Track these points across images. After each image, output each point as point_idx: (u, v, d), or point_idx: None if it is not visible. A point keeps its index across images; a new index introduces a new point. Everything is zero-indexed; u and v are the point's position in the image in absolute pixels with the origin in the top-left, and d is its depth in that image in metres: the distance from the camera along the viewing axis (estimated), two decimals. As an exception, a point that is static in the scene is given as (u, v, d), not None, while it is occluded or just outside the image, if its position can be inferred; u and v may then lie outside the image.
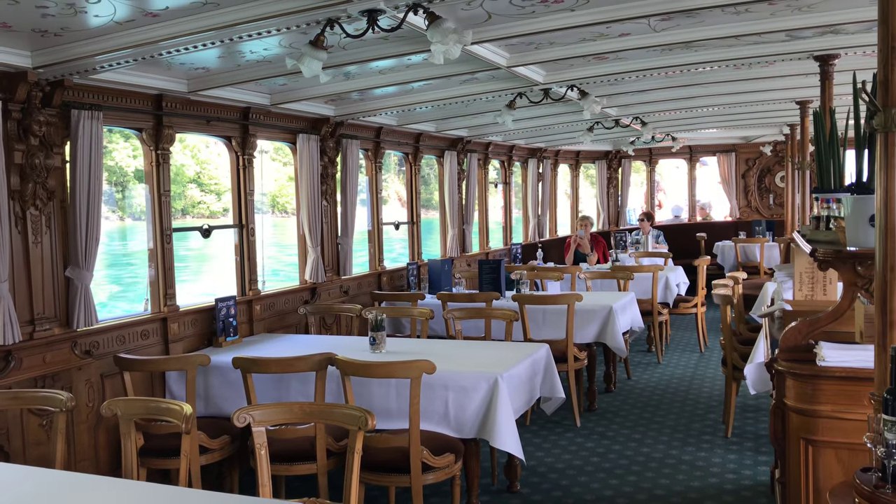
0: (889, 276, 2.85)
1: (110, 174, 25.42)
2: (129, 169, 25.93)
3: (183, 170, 25.38)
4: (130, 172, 25.67)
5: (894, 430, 2.53)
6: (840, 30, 5.07)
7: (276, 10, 3.71)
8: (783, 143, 13.24)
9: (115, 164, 25.59)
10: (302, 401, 4.77)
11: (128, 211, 27.76)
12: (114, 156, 24.70)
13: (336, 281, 7.48)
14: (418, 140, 9.11)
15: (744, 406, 6.63)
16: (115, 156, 24.47)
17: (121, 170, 26.77)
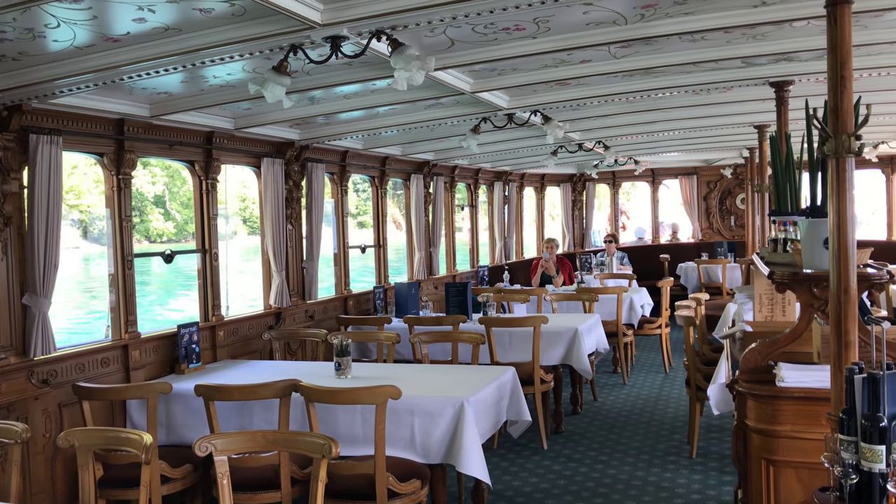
0: (843, 298, 2.92)
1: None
2: (149, 195, 26.42)
3: (190, 192, 25.70)
4: (150, 198, 26.18)
5: (851, 449, 2.58)
6: (793, 57, 5.22)
7: (239, 35, 3.71)
8: (743, 166, 13.50)
9: (135, 191, 26.59)
10: (266, 428, 4.72)
11: (143, 234, 29.06)
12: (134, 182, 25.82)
13: (301, 305, 7.42)
14: (384, 163, 9.13)
15: (708, 426, 6.70)
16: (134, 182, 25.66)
17: (141, 195, 27.75)
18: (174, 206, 30.56)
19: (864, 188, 15.38)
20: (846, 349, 2.92)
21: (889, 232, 13.29)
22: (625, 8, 3.90)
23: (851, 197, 2.92)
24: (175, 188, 29.90)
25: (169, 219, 30.38)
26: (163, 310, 20.88)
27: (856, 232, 2.99)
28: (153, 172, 28.71)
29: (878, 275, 3.37)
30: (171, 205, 30.26)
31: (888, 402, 2.53)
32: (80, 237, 29.40)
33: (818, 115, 3.15)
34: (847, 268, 2.91)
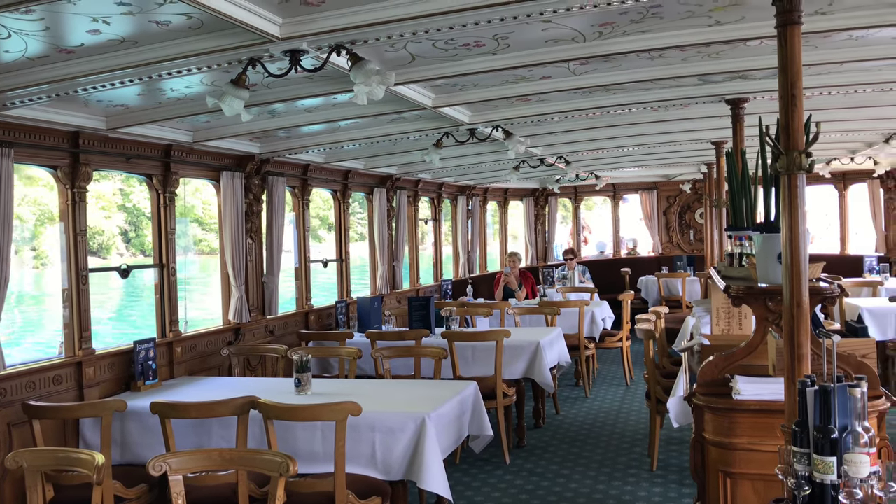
0: (796, 312, 2.97)
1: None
2: (146, 210, 26.35)
3: (186, 209, 25.67)
4: (147, 214, 26.18)
5: (803, 461, 2.62)
6: (748, 75, 5.34)
7: (197, 49, 3.68)
8: (701, 181, 13.74)
9: (132, 206, 26.62)
10: (224, 446, 4.63)
11: (139, 248, 29.18)
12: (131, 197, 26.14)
13: (261, 321, 7.33)
14: (347, 177, 9.10)
15: (668, 439, 6.76)
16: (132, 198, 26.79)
17: (138, 210, 27.87)
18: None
19: (817, 203, 15.77)
20: (799, 362, 2.97)
21: (842, 246, 13.61)
22: (583, 26, 3.95)
23: (803, 212, 2.98)
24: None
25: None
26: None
27: (808, 246, 3.05)
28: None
29: (829, 289, 3.44)
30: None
31: (839, 414, 2.57)
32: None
33: (771, 132, 3.22)
34: (799, 282, 2.96)
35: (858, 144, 9.59)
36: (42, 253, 27.11)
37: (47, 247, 26.21)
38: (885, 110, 6.99)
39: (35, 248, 27.01)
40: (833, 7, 3.81)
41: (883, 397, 3.43)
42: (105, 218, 27.60)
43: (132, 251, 29.50)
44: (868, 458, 2.49)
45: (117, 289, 26.39)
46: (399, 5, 3.32)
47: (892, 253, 12.79)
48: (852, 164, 10.95)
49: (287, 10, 3.45)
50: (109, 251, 28.46)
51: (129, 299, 26.70)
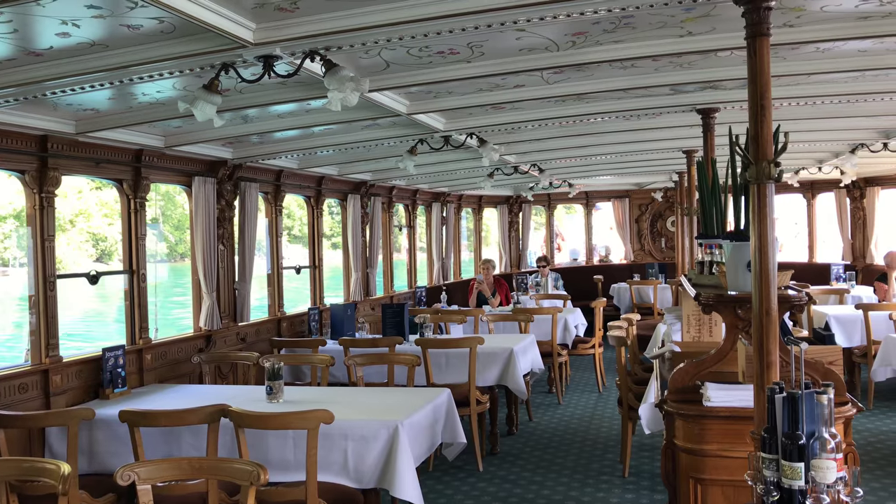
0: (765, 319, 3.01)
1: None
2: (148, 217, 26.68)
3: (184, 214, 25.58)
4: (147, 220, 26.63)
5: (772, 467, 2.65)
6: (719, 85, 5.42)
7: (169, 53, 3.64)
8: (673, 190, 13.89)
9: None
10: (195, 455, 4.57)
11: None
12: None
13: (233, 328, 7.26)
14: (321, 183, 9.06)
15: (640, 445, 6.80)
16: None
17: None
18: (167, 227, 30.99)
19: (787, 212, 16.03)
20: (768, 369, 3.01)
21: (810, 254, 13.83)
22: (556, 35, 3.97)
23: (772, 221, 3.02)
24: (168, 211, 30.23)
25: (163, 239, 30.30)
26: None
27: (777, 255, 3.09)
28: (149, 196, 28.97)
29: (798, 296, 3.49)
30: (165, 227, 30.55)
31: (806, 421, 2.61)
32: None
33: (741, 141, 3.26)
34: (768, 290, 3.00)
35: (826, 154, 9.77)
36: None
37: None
38: (852, 121, 7.13)
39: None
40: (801, 20, 3.88)
41: (849, 403, 3.49)
42: (108, 225, 28.19)
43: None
44: (834, 464, 2.53)
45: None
46: (373, 12, 3.32)
47: (858, 261, 13.03)
48: (820, 173, 11.15)
49: (261, 16, 3.43)
50: (111, 257, 29.23)
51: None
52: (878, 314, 7.66)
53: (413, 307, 9.98)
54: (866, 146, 8.43)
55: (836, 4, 3.63)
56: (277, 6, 3.30)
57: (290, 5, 3.29)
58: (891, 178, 12.23)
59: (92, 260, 29.41)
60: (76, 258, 28.43)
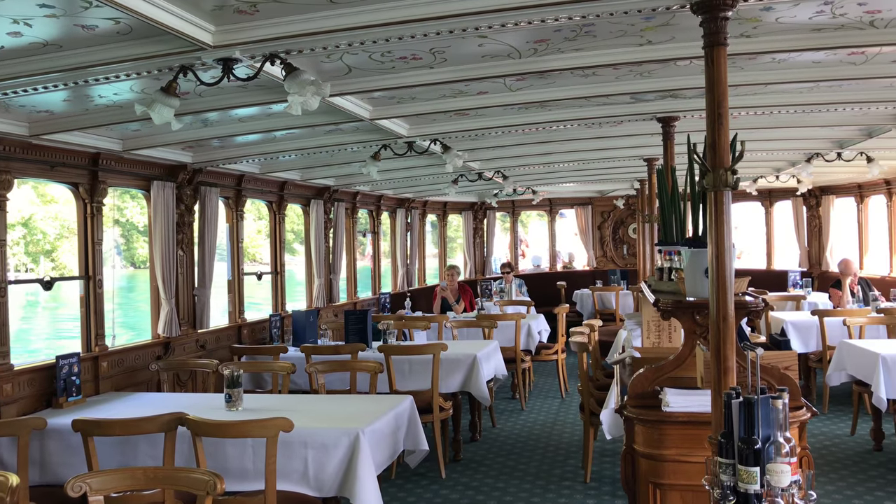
0: (722, 325, 3.05)
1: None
2: (140, 224, 28.15)
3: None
4: (140, 227, 28.15)
5: (729, 471, 2.68)
6: (678, 94, 5.49)
7: (126, 55, 3.58)
8: (634, 197, 14.07)
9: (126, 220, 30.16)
10: (151, 465, 4.48)
11: (129, 260, 33.10)
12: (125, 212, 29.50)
13: (192, 335, 7.15)
14: (283, 188, 8.98)
15: (602, 451, 6.84)
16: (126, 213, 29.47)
17: (132, 224, 30.69)
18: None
19: (747, 220, 16.32)
20: (725, 374, 3.05)
21: (768, 261, 14.10)
22: (518, 42, 3.99)
23: (729, 228, 3.07)
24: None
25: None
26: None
27: (735, 261, 3.14)
28: (141, 204, 29.83)
29: (754, 303, 3.55)
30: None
31: (762, 425, 2.65)
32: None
33: (698, 150, 3.31)
34: (725, 296, 3.04)
35: (783, 163, 9.97)
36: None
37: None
38: (807, 131, 7.28)
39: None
40: (757, 30, 3.95)
41: (804, 408, 3.55)
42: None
43: (123, 263, 33.04)
44: (789, 468, 2.57)
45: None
46: (334, 16, 3.30)
47: (814, 268, 13.31)
48: (777, 182, 11.37)
49: (220, 18, 3.38)
50: (105, 263, 29.67)
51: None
52: (833, 320, 7.82)
53: (377, 313, 9.93)
54: (821, 156, 8.62)
55: (791, 16, 3.70)
56: (237, 8, 3.26)
57: (249, 8, 3.26)
58: (845, 188, 12.54)
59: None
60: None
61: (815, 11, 3.63)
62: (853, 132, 7.39)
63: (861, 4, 3.53)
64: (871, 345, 6.52)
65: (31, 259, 28.89)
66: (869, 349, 6.31)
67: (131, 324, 19.03)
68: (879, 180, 11.20)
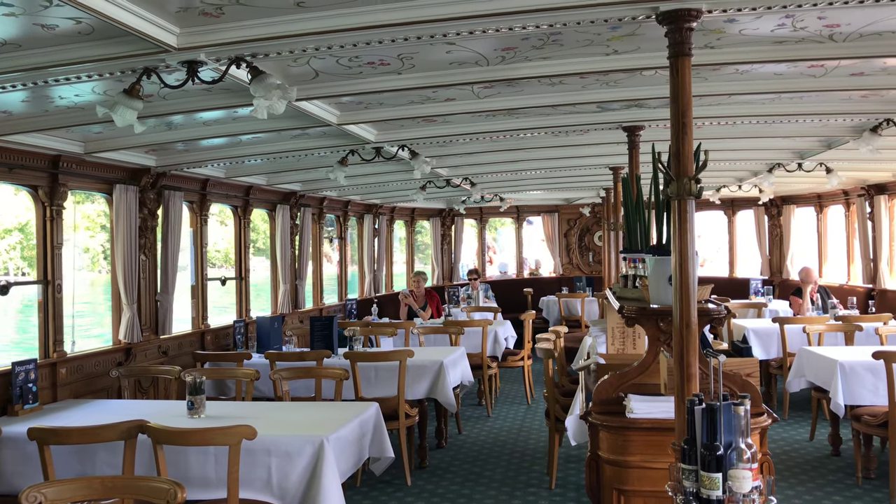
0: (685, 332, 3.08)
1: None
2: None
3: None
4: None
5: (692, 478, 2.70)
6: (643, 104, 5.55)
7: (87, 55, 3.52)
8: (600, 205, 14.20)
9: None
10: (110, 474, 4.39)
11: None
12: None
13: (154, 341, 7.03)
14: (248, 193, 8.89)
15: (567, 457, 6.87)
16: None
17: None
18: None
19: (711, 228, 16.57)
20: (688, 381, 3.08)
21: (730, 269, 14.32)
22: (486, 50, 4.01)
23: (692, 236, 3.10)
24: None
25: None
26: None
27: (698, 269, 3.17)
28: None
29: (717, 310, 3.59)
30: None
31: (724, 432, 2.68)
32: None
33: (663, 159, 3.35)
34: (688, 303, 3.08)
35: (745, 173, 10.14)
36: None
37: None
38: (769, 141, 7.42)
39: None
40: (721, 42, 4.02)
41: (765, 414, 3.60)
42: (90, 237, 29.82)
43: (109, 268, 34.45)
44: (750, 474, 2.60)
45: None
46: (301, 20, 3.28)
47: (775, 276, 13.55)
48: (740, 191, 11.57)
49: (185, 20, 3.34)
50: (94, 267, 31.11)
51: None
52: (794, 327, 7.96)
53: (343, 320, 9.87)
54: (782, 166, 8.79)
55: (754, 29, 3.77)
56: (202, 11, 3.22)
57: (215, 10, 3.22)
58: (805, 198, 12.80)
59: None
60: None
61: (777, 24, 3.70)
62: (813, 143, 7.55)
63: (821, 18, 3.60)
64: (829, 352, 6.65)
65: (28, 263, 28.94)
66: (827, 356, 6.43)
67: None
68: (838, 191, 11.46)
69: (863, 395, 6.07)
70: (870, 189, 10.52)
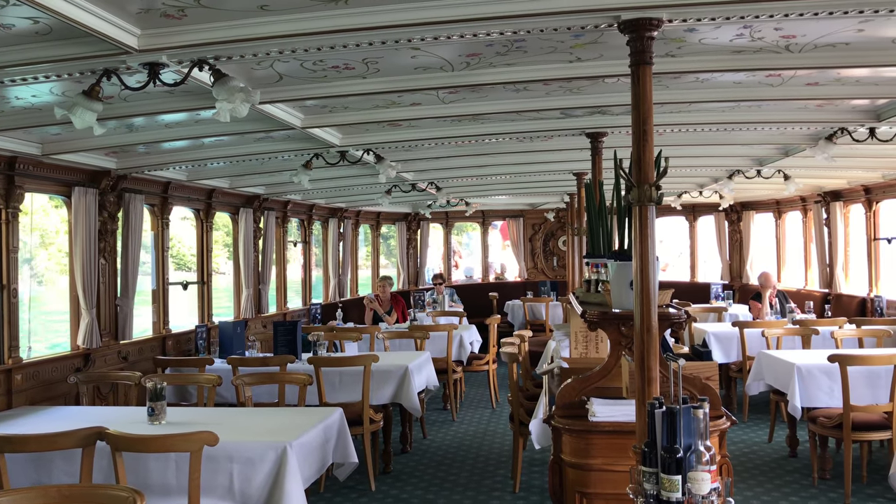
0: (646, 337, 3.12)
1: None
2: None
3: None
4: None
5: (652, 480, 2.74)
6: (606, 111, 5.62)
7: (45, 56, 3.46)
8: (564, 211, 14.32)
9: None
10: (68, 482, 4.30)
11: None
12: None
13: (114, 346, 6.91)
14: (211, 196, 8.79)
15: (531, 460, 6.90)
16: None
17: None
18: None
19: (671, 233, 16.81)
20: (649, 385, 3.12)
21: (692, 274, 14.53)
22: (451, 55, 4.02)
23: (653, 241, 3.15)
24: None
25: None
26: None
27: (659, 274, 3.22)
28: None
29: (677, 314, 3.64)
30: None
31: (684, 434, 2.72)
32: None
33: (624, 165, 3.39)
34: (649, 308, 3.12)
35: (706, 179, 10.31)
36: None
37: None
38: (729, 149, 7.56)
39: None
40: (682, 51, 4.09)
41: (724, 417, 3.66)
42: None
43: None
44: (709, 476, 2.64)
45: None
46: (264, 24, 3.26)
47: (735, 281, 13.79)
48: (701, 197, 11.76)
49: (146, 22, 3.30)
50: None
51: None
52: (753, 331, 8.10)
53: (307, 324, 9.80)
54: (742, 173, 8.96)
55: (713, 38, 3.84)
56: (164, 12, 3.19)
57: (177, 12, 3.19)
58: (764, 204, 13.06)
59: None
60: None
61: (736, 34, 3.77)
62: (771, 151, 7.71)
63: (777, 29, 3.69)
64: (787, 355, 6.77)
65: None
66: (785, 359, 6.55)
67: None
68: (796, 197, 11.71)
69: (819, 397, 6.21)
70: (826, 196, 10.77)
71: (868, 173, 8.90)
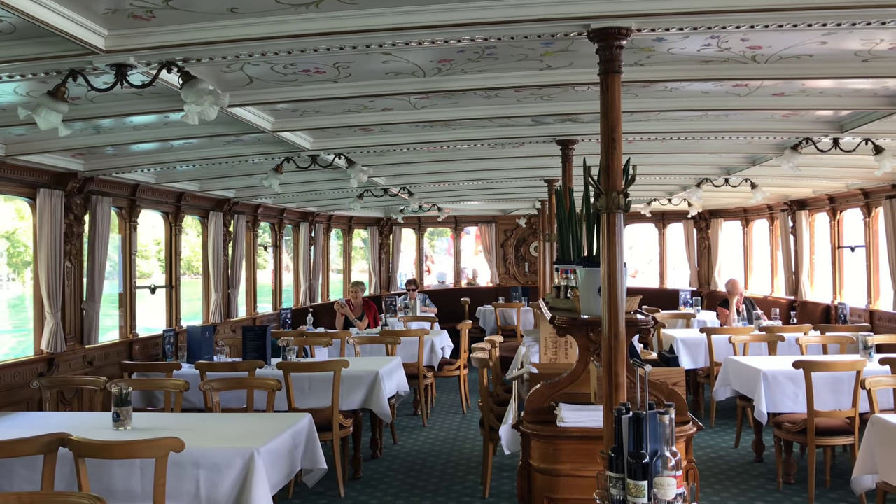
0: (613, 342, 3.14)
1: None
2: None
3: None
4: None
5: (619, 485, 2.76)
6: (577, 118, 5.67)
7: (8, 55, 3.41)
8: (536, 217, 14.39)
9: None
10: (28, 490, 4.21)
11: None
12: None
13: (79, 350, 6.80)
14: (180, 199, 8.70)
15: (501, 466, 6.91)
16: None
17: None
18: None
19: (640, 240, 16.97)
20: (616, 390, 3.14)
21: (661, 280, 14.69)
22: (423, 61, 4.03)
23: (621, 249, 3.18)
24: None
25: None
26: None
27: (627, 280, 3.25)
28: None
29: (645, 321, 3.68)
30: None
31: (650, 440, 2.74)
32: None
33: (593, 172, 3.42)
34: (617, 314, 3.15)
35: (675, 187, 10.43)
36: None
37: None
38: (697, 157, 7.65)
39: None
40: (651, 60, 4.13)
41: (690, 422, 3.70)
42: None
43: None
44: (675, 481, 2.67)
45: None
46: (234, 26, 3.24)
47: (704, 288, 13.96)
48: (670, 205, 11.90)
49: (113, 22, 3.26)
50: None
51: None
52: (720, 337, 8.21)
53: (277, 329, 9.73)
54: (710, 181, 9.08)
55: (682, 48, 3.90)
56: (132, 13, 3.15)
57: (145, 14, 3.15)
58: (732, 211, 13.25)
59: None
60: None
61: (704, 44, 3.83)
62: (739, 159, 7.82)
63: (744, 40, 3.75)
64: (753, 361, 6.87)
65: (14, 270, 28.04)
66: (752, 365, 6.65)
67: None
68: (762, 205, 11.89)
69: (784, 402, 6.30)
70: (792, 204, 10.96)
71: (832, 182, 9.07)
